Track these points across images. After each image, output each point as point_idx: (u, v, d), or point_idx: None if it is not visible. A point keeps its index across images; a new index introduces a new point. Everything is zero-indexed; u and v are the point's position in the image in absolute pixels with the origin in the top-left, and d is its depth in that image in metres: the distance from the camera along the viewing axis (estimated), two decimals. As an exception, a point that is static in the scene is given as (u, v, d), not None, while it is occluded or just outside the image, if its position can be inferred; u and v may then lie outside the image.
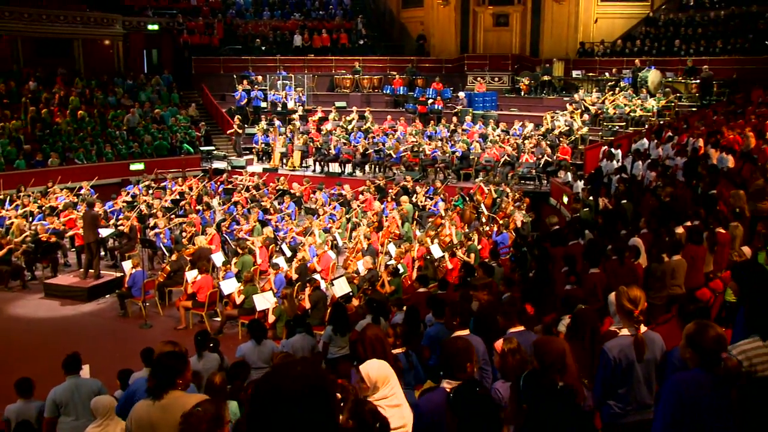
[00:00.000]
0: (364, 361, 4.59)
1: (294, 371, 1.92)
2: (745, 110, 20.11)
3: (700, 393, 3.49)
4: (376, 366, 4.53)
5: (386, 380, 4.48)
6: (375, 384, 4.47)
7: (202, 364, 7.72)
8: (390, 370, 4.61)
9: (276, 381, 1.92)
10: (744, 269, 5.14)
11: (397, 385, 4.60)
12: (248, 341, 8.73)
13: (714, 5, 28.65)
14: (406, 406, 4.67)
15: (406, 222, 17.38)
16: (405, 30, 35.02)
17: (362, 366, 4.57)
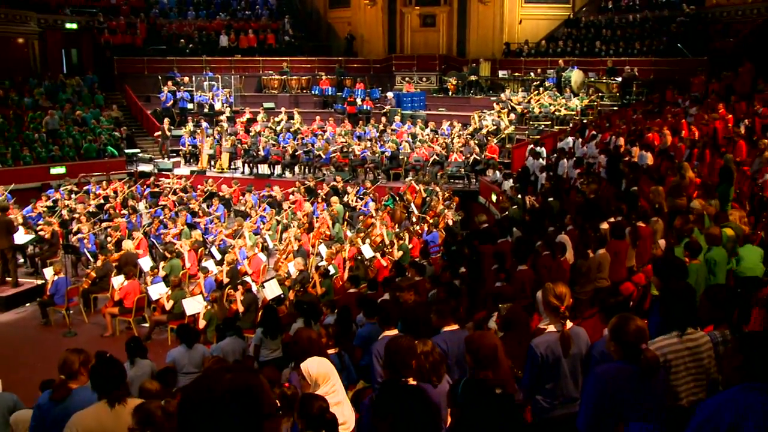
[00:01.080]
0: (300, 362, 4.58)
1: (224, 376, 1.90)
2: (662, 109, 20.86)
3: (622, 384, 3.61)
4: (316, 363, 4.52)
5: (327, 378, 4.48)
6: (316, 381, 4.47)
7: (134, 372, 7.54)
8: (331, 368, 4.62)
9: (205, 387, 1.89)
10: (665, 264, 5.31)
11: (338, 383, 4.61)
12: (178, 346, 8.58)
13: (631, 8, 29.65)
14: (347, 403, 4.68)
15: (337, 223, 17.35)
16: (332, 30, 34.95)
17: (303, 364, 4.56)
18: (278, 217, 18.41)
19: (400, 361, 4.22)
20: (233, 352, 8.50)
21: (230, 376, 1.90)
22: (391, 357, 4.26)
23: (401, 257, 14.06)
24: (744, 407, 2.60)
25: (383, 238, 15.40)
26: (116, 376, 4.36)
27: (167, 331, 12.28)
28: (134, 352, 7.80)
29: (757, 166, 12.76)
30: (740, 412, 2.60)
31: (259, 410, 1.89)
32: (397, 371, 4.23)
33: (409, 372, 4.23)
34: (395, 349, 4.27)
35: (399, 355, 4.23)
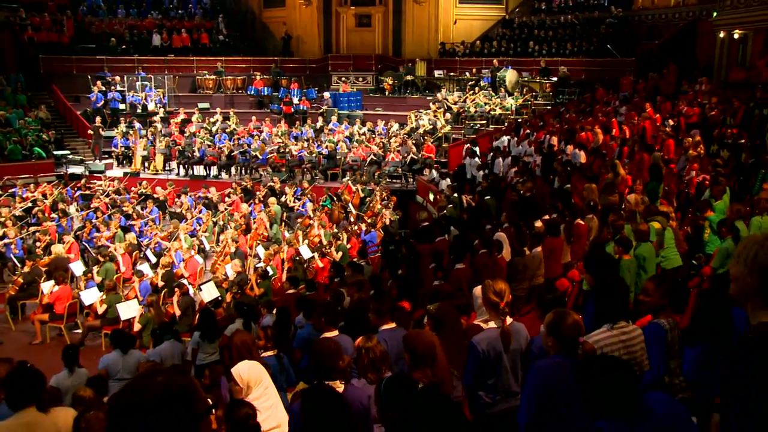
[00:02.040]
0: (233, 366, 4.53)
1: (154, 382, 1.86)
2: (594, 108, 21.38)
3: (560, 378, 3.68)
4: (247, 367, 4.48)
5: (259, 381, 4.44)
6: (248, 384, 4.43)
7: (71, 380, 7.32)
8: (263, 371, 4.57)
9: (135, 392, 1.85)
10: (594, 260, 5.44)
11: (270, 386, 4.57)
12: (112, 352, 8.37)
13: (562, 10, 30.34)
14: (280, 406, 4.64)
15: (275, 223, 17.23)
16: (267, 30, 34.63)
17: (234, 368, 4.52)
18: (215, 218, 18.16)
19: (326, 364, 4.22)
20: (172, 357, 8.34)
21: (161, 379, 1.87)
22: (317, 359, 4.26)
23: (340, 258, 14.04)
24: None
25: (321, 238, 15.35)
26: (29, 386, 4.09)
27: (101, 337, 11.96)
28: (72, 359, 7.59)
29: (683, 164, 13.21)
30: None
31: (194, 412, 1.86)
32: (323, 373, 4.23)
33: (335, 374, 4.23)
34: (320, 352, 4.27)
35: (324, 357, 4.23)
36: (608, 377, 2.77)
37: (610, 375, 2.77)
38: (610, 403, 2.73)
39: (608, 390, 2.74)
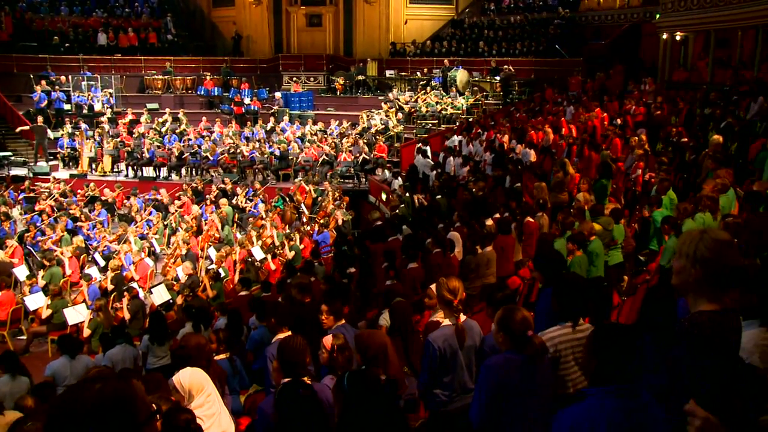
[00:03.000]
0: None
1: (91, 389, 1.81)
2: (543, 108, 21.69)
3: (512, 374, 3.74)
4: (189, 374, 4.41)
5: (201, 388, 4.37)
6: (189, 392, 4.36)
7: (9, 388, 7.13)
8: (205, 378, 4.50)
9: (71, 401, 1.80)
10: (543, 258, 5.51)
11: (214, 393, 4.51)
12: (60, 357, 8.17)
13: (511, 11, 30.71)
14: (224, 413, 4.57)
15: (226, 225, 17.07)
16: (217, 29, 34.21)
17: (175, 375, 4.45)
18: (165, 220, 17.90)
19: (295, 361, 4.20)
20: (123, 361, 8.17)
21: (99, 387, 1.82)
22: (286, 357, 4.23)
23: (292, 258, 13.97)
24: (599, 416, 2.68)
25: (274, 239, 15.26)
26: None
27: (47, 343, 11.67)
28: (12, 365, 7.39)
29: (630, 162, 13.48)
30: (595, 421, 2.68)
31: (135, 419, 1.82)
32: (293, 371, 4.21)
33: (304, 371, 4.22)
34: (289, 349, 4.24)
35: (293, 354, 4.20)
36: (614, 342, 2.79)
37: (615, 340, 2.80)
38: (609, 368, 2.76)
39: (610, 355, 2.76)
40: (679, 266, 2.72)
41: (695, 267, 2.63)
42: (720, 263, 2.60)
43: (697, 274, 2.63)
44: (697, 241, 2.64)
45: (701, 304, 2.65)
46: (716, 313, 2.61)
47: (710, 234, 2.65)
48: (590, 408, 2.72)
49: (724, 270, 2.60)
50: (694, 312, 2.65)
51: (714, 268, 2.60)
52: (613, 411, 2.67)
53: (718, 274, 2.61)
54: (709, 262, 2.60)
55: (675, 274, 2.73)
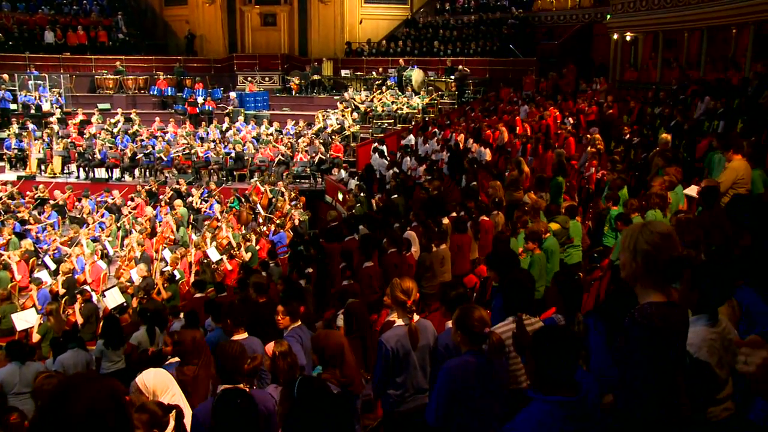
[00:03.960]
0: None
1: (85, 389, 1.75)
2: (498, 107, 21.91)
3: (470, 376, 3.78)
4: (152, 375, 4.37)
5: (165, 389, 4.33)
6: (153, 393, 4.32)
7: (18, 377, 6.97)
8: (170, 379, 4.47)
9: (66, 405, 1.73)
10: (497, 256, 5.56)
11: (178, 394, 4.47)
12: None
13: (466, 10, 30.96)
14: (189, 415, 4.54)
15: (181, 226, 16.87)
16: (169, 28, 33.73)
17: (139, 376, 4.40)
18: (118, 222, 17.61)
19: (231, 368, 4.18)
20: (75, 366, 8.00)
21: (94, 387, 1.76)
22: (221, 362, 4.21)
23: (249, 259, 13.88)
24: (541, 422, 2.70)
25: (230, 240, 15.13)
26: None
27: (-4, 350, 11.37)
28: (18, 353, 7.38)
29: (584, 161, 13.70)
30: (538, 428, 2.71)
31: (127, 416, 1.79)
32: (230, 378, 4.19)
33: (240, 377, 4.20)
34: (224, 355, 4.22)
35: (228, 360, 4.18)
36: (553, 344, 2.82)
37: (554, 342, 2.83)
38: (549, 370, 2.79)
39: (549, 357, 2.79)
40: (623, 260, 2.81)
41: (636, 260, 2.71)
42: (658, 256, 2.67)
43: (638, 266, 2.71)
44: (637, 235, 2.72)
45: (649, 296, 2.73)
46: (664, 304, 2.69)
47: (649, 227, 2.73)
48: (541, 418, 2.72)
49: (663, 262, 2.67)
50: (643, 303, 2.72)
51: (653, 260, 2.68)
52: (562, 420, 2.70)
53: (657, 266, 2.68)
54: (648, 255, 2.68)
55: (621, 269, 2.82)
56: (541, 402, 2.75)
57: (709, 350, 3.35)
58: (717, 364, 3.36)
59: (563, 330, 3.02)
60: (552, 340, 2.84)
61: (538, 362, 2.82)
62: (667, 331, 2.68)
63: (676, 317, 2.74)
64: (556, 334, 2.91)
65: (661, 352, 2.68)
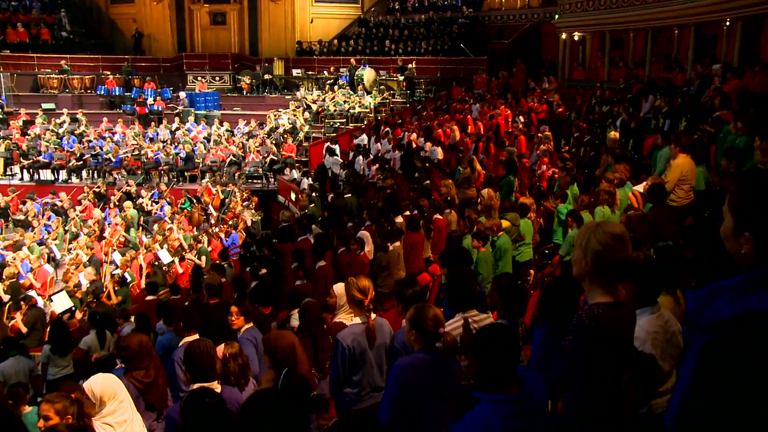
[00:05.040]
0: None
1: None
2: (449, 106, 22.04)
3: (423, 373, 3.78)
4: (100, 381, 4.29)
5: (113, 395, 4.25)
6: (101, 399, 4.24)
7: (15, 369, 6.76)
8: (118, 384, 4.39)
9: None
10: (450, 254, 5.60)
11: (126, 399, 4.40)
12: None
13: (416, 10, 31.09)
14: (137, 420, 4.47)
15: (131, 228, 16.58)
16: (116, 27, 33.00)
17: (86, 382, 4.32)
18: (65, 225, 17.23)
19: (203, 366, 4.12)
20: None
21: None
22: (192, 362, 4.14)
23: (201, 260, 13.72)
24: (494, 420, 2.74)
25: (181, 242, 14.94)
26: None
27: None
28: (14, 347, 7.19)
29: (535, 159, 13.87)
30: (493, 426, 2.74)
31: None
32: (202, 376, 4.13)
33: (213, 375, 4.14)
34: (195, 353, 4.16)
35: (199, 358, 4.13)
36: (492, 342, 2.85)
37: (494, 340, 2.85)
38: (491, 368, 2.81)
39: (490, 355, 2.81)
40: (575, 257, 2.82)
41: (586, 259, 2.73)
42: (608, 256, 2.69)
43: (588, 266, 2.73)
44: (590, 234, 2.74)
45: (596, 295, 2.76)
46: (610, 305, 2.71)
47: (603, 227, 2.75)
48: (486, 417, 2.75)
49: (612, 263, 2.70)
50: (590, 304, 2.75)
51: (603, 261, 2.70)
52: (506, 417, 2.73)
53: (606, 267, 2.70)
54: (598, 255, 2.70)
55: (573, 266, 2.84)
56: (485, 401, 2.78)
57: (653, 343, 3.44)
58: (660, 356, 3.44)
59: (503, 328, 3.04)
60: (492, 338, 2.87)
61: (480, 361, 2.84)
62: (614, 332, 2.71)
63: (623, 317, 2.78)
64: (496, 332, 2.94)
65: (608, 353, 2.71)
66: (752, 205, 1.90)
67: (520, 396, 2.77)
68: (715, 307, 1.94)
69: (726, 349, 1.88)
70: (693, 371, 2.00)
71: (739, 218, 1.94)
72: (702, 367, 1.96)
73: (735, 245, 1.97)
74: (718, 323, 1.91)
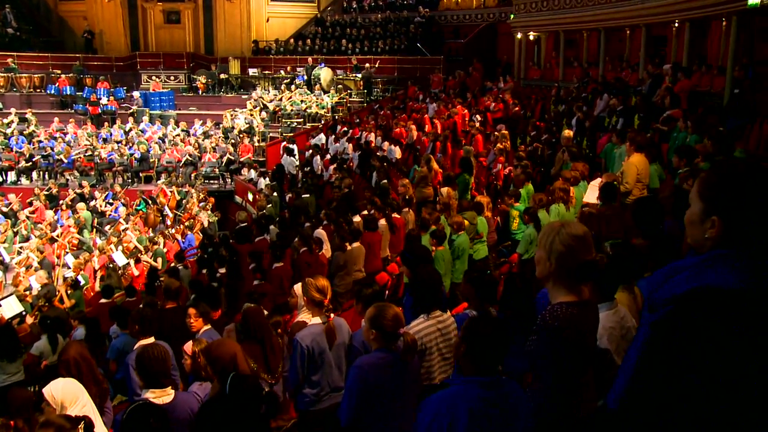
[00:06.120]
0: None
1: None
2: (407, 105, 22.10)
3: (383, 373, 3.77)
4: (61, 385, 4.21)
5: (75, 399, 4.17)
6: (61, 404, 4.16)
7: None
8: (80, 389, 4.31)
9: None
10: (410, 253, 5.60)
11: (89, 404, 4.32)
12: None
13: (373, 9, 31.10)
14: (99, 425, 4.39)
15: (85, 230, 16.27)
16: (66, 25, 32.22)
17: (46, 387, 4.24)
18: (15, 228, 16.82)
19: (156, 370, 4.06)
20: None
21: None
22: (147, 367, 4.07)
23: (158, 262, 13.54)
24: (461, 403, 2.81)
25: (136, 244, 14.70)
26: None
27: None
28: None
29: (492, 158, 13.98)
30: (457, 408, 2.81)
31: None
32: (154, 380, 4.05)
33: (166, 380, 4.08)
34: (149, 358, 4.08)
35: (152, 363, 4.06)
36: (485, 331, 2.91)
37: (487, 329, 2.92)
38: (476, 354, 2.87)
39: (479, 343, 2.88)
40: (538, 257, 2.85)
41: (550, 260, 2.77)
42: (572, 258, 2.73)
43: (551, 266, 2.77)
44: (554, 235, 2.77)
45: (559, 295, 2.79)
46: (573, 304, 2.75)
47: (566, 229, 2.78)
48: (453, 395, 2.84)
49: (576, 264, 2.74)
50: (553, 304, 2.77)
51: (566, 262, 2.73)
52: (474, 399, 2.79)
53: (570, 268, 2.74)
54: (561, 256, 2.74)
55: (536, 266, 2.87)
56: (459, 383, 2.87)
57: (609, 338, 3.49)
58: (615, 350, 3.50)
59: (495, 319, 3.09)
60: (484, 327, 2.95)
61: (468, 346, 2.90)
62: (577, 332, 2.75)
63: (586, 316, 2.82)
64: (488, 321, 2.99)
65: (571, 353, 2.76)
66: (723, 189, 1.95)
67: (492, 379, 2.84)
68: (673, 283, 1.98)
69: (679, 324, 1.92)
70: (641, 349, 2.03)
71: (709, 203, 1.98)
72: (652, 344, 1.99)
73: (699, 230, 2.02)
74: (673, 298, 1.95)
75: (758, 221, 1.92)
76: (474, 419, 2.77)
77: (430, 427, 2.85)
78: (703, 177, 2.04)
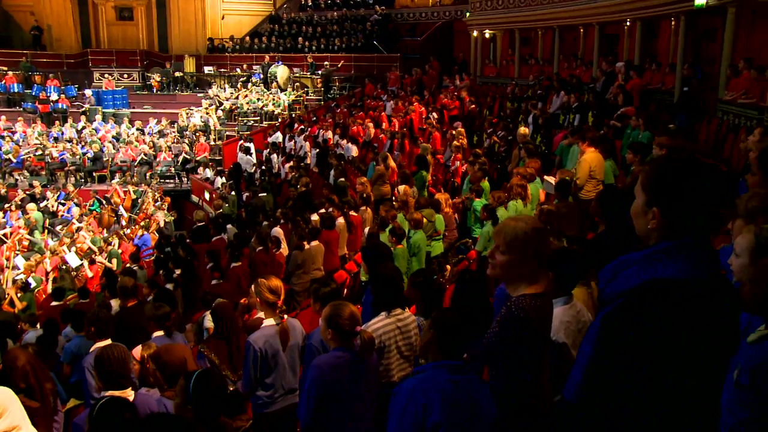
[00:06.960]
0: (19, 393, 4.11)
1: None
2: (364, 103, 22.10)
3: (341, 371, 3.77)
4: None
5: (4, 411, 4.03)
6: (-2, 413, 4.03)
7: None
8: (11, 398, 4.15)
9: None
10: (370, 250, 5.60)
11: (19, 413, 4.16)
12: None
13: (329, 6, 31.00)
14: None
15: (36, 231, 15.91)
16: (12, 20, 31.24)
17: None
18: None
19: (117, 371, 3.98)
20: None
21: None
22: (104, 368, 3.99)
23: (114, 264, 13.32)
24: (433, 386, 2.89)
25: (90, 245, 14.44)
26: None
27: None
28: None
29: (449, 155, 14.06)
30: (430, 391, 2.88)
31: None
32: (116, 382, 3.98)
33: (126, 381, 4.01)
34: (108, 359, 4.01)
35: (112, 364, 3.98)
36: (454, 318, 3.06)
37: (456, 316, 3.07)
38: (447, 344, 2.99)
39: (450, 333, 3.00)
40: (491, 254, 2.90)
41: (507, 254, 2.81)
42: (529, 250, 2.79)
43: (510, 261, 2.82)
44: (510, 230, 2.82)
45: (521, 288, 2.84)
46: (536, 296, 2.81)
47: (521, 223, 2.83)
48: (425, 380, 2.93)
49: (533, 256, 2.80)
50: (517, 296, 2.81)
51: (524, 255, 2.80)
52: (444, 383, 2.89)
53: (528, 261, 2.80)
54: (519, 250, 2.80)
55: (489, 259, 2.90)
56: (429, 368, 2.99)
57: (565, 332, 3.54)
58: (572, 345, 3.55)
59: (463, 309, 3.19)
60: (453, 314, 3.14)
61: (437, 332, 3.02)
62: (541, 323, 2.83)
63: (545, 307, 2.89)
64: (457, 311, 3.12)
65: (534, 343, 2.83)
66: (661, 181, 2.02)
67: (459, 363, 2.96)
68: (622, 278, 2.03)
69: (630, 316, 1.96)
70: (595, 341, 2.07)
71: (650, 194, 2.05)
72: (605, 336, 2.04)
73: (643, 221, 2.08)
74: (623, 292, 2.00)
75: (695, 211, 1.99)
76: (446, 400, 2.85)
77: (405, 412, 2.90)
78: (645, 170, 2.12)
